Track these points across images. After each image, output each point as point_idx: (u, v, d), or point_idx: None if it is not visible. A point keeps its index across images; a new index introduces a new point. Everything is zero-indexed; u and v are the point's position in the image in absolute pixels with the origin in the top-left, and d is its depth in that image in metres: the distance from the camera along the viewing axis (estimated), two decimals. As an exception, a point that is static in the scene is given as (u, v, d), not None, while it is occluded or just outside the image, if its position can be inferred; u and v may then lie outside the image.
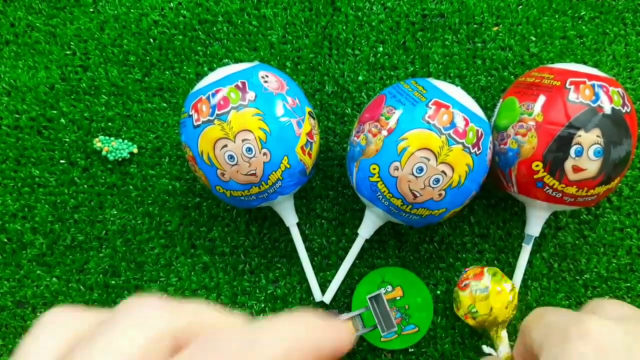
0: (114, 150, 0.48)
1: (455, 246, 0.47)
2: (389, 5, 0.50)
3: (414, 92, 0.39)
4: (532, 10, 0.50)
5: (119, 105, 0.50)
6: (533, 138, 0.38)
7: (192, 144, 0.39)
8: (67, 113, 0.50)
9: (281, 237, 0.48)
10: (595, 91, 0.38)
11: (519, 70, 0.49)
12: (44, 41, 0.51)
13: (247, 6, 0.51)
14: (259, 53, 0.50)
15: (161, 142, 0.49)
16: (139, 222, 0.48)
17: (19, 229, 0.48)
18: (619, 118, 0.38)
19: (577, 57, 0.49)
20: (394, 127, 0.37)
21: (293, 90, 0.41)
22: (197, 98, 0.39)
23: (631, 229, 0.47)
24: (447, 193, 0.38)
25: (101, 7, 0.51)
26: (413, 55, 0.50)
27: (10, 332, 0.47)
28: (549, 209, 0.42)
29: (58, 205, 0.49)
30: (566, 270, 0.47)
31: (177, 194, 0.49)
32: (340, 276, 0.46)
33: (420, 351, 0.46)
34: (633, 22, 0.50)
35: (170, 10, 0.51)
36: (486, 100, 0.49)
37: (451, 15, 0.50)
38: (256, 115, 0.38)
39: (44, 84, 0.50)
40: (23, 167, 0.49)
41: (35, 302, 0.47)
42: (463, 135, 0.37)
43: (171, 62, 0.50)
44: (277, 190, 0.41)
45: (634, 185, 0.48)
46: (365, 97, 0.49)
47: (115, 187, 0.49)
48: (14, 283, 0.48)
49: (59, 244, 0.48)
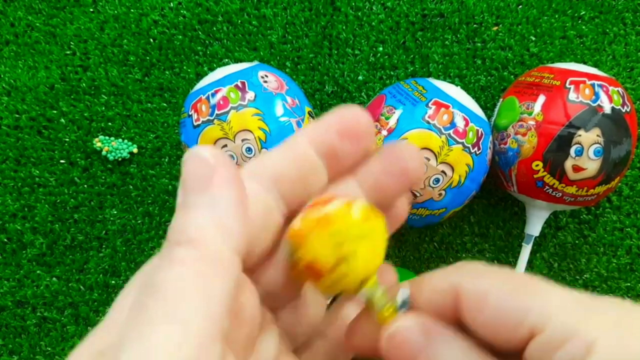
0: (114, 150, 0.48)
1: (455, 246, 0.47)
2: (389, 5, 0.50)
3: (414, 92, 0.39)
4: (532, 10, 0.50)
5: (119, 105, 0.50)
6: (533, 138, 0.38)
7: (191, 144, 0.39)
8: (67, 113, 0.50)
9: (281, 237, 0.48)
10: (595, 91, 0.38)
11: (519, 70, 0.49)
12: (44, 41, 0.51)
13: (247, 6, 0.51)
14: (259, 53, 0.50)
15: (161, 142, 0.49)
16: (139, 222, 0.48)
17: (19, 229, 0.48)
18: (619, 117, 0.38)
19: (577, 57, 0.49)
20: (394, 127, 0.37)
21: (293, 90, 0.41)
22: (196, 98, 0.39)
23: (631, 229, 0.47)
24: (447, 193, 0.38)
25: (101, 7, 0.51)
26: (413, 55, 0.50)
27: (10, 332, 0.47)
28: (549, 209, 0.42)
29: (58, 205, 0.49)
30: (566, 270, 0.47)
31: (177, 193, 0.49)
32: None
33: (420, 351, 0.46)
34: (633, 22, 0.50)
35: (170, 10, 0.51)
36: (486, 100, 0.49)
37: (451, 15, 0.50)
38: (256, 115, 0.38)
39: (44, 84, 0.50)
40: (23, 167, 0.49)
41: (35, 302, 0.47)
42: (463, 135, 0.37)
43: (171, 62, 0.50)
44: (277, 190, 0.41)
45: (634, 185, 0.48)
46: (365, 97, 0.49)
47: (115, 187, 0.49)
48: (14, 283, 0.48)
49: (59, 244, 0.48)
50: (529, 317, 0.14)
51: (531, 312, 0.14)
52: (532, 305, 0.14)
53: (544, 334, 0.14)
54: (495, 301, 0.15)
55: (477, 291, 0.16)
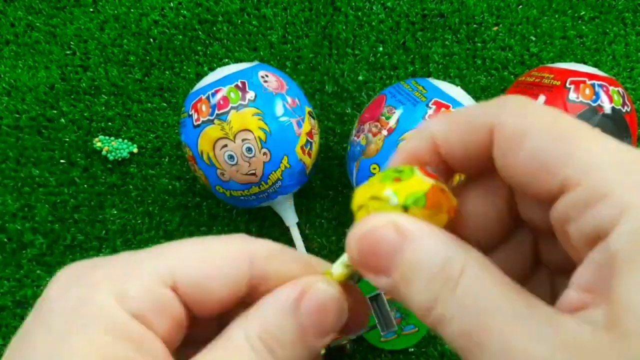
0: (114, 150, 0.48)
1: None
2: (389, 5, 0.50)
3: (414, 91, 0.39)
4: (532, 10, 0.50)
5: (119, 105, 0.50)
6: (533, 138, 0.38)
7: (192, 144, 0.39)
8: (67, 113, 0.50)
9: (281, 237, 0.48)
10: (595, 91, 0.38)
11: (519, 70, 0.49)
12: (44, 41, 0.51)
13: (247, 6, 0.51)
14: (259, 53, 0.50)
15: (161, 142, 0.49)
16: (139, 221, 0.48)
17: (19, 228, 0.48)
18: (619, 117, 0.38)
19: (577, 57, 0.49)
20: (394, 127, 0.37)
21: (293, 90, 0.41)
22: (197, 98, 0.39)
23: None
24: (447, 193, 0.38)
25: (101, 7, 0.51)
26: (413, 55, 0.50)
27: (10, 332, 0.47)
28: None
29: (58, 205, 0.49)
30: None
31: (177, 193, 0.49)
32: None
33: (420, 351, 0.46)
34: (633, 22, 0.50)
35: (170, 10, 0.51)
36: (486, 100, 0.49)
37: (451, 15, 0.50)
38: (256, 115, 0.38)
39: (44, 83, 0.50)
40: (23, 166, 0.49)
41: (35, 302, 0.47)
42: (463, 135, 0.37)
43: (171, 62, 0.50)
44: (277, 190, 0.40)
45: (634, 185, 0.48)
46: (365, 97, 0.49)
47: (115, 187, 0.49)
48: (14, 283, 0.48)
49: (59, 243, 0.48)
50: (565, 168, 0.13)
51: (570, 162, 0.13)
52: (573, 155, 0.13)
53: (578, 188, 0.13)
54: (533, 143, 0.14)
55: (515, 130, 0.14)
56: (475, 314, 0.13)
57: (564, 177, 0.13)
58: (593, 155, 0.13)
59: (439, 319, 0.14)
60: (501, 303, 0.13)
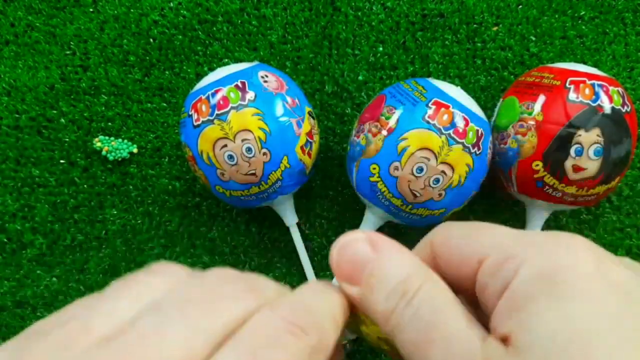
0: (113, 150, 0.48)
1: (455, 246, 0.47)
2: (388, 5, 0.50)
3: (414, 91, 0.39)
4: (532, 10, 0.50)
5: (119, 105, 0.50)
6: (533, 137, 0.38)
7: (191, 144, 0.39)
8: (67, 113, 0.50)
9: (281, 237, 0.48)
10: (595, 90, 0.38)
11: (519, 70, 0.49)
12: (44, 41, 0.51)
13: (247, 6, 0.51)
14: (259, 53, 0.50)
15: (161, 142, 0.49)
16: (139, 222, 0.48)
17: (19, 229, 0.48)
18: (619, 117, 0.38)
19: (577, 57, 0.49)
20: (394, 127, 0.37)
21: (293, 90, 0.41)
22: (196, 98, 0.39)
23: (631, 229, 0.47)
24: (447, 193, 0.38)
25: (101, 7, 0.51)
26: (413, 55, 0.50)
27: (10, 332, 0.47)
28: (549, 209, 0.42)
29: (58, 205, 0.49)
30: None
31: (177, 193, 0.49)
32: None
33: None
34: (633, 22, 0.50)
35: (170, 10, 0.51)
36: (486, 100, 0.49)
37: (451, 15, 0.50)
38: (256, 115, 0.38)
39: (44, 84, 0.50)
40: (23, 167, 0.49)
41: (35, 302, 0.47)
42: (463, 135, 0.37)
43: (171, 62, 0.50)
44: (277, 190, 0.40)
45: (634, 185, 0.48)
46: (365, 97, 0.49)
47: (115, 187, 0.49)
48: (14, 283, 0.48)
49: (59, 244, 0.48)
50: (479, 250, 0.17)
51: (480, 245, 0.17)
52: (481, 241, 0.17)
53: (489, 259, 0.17)
54: (455, 241, 0.18)
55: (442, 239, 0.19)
56: (424, 327, 0.16)
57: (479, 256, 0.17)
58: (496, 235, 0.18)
59: (395, 326, 0.16)
60: (448, 320, 0.16)
